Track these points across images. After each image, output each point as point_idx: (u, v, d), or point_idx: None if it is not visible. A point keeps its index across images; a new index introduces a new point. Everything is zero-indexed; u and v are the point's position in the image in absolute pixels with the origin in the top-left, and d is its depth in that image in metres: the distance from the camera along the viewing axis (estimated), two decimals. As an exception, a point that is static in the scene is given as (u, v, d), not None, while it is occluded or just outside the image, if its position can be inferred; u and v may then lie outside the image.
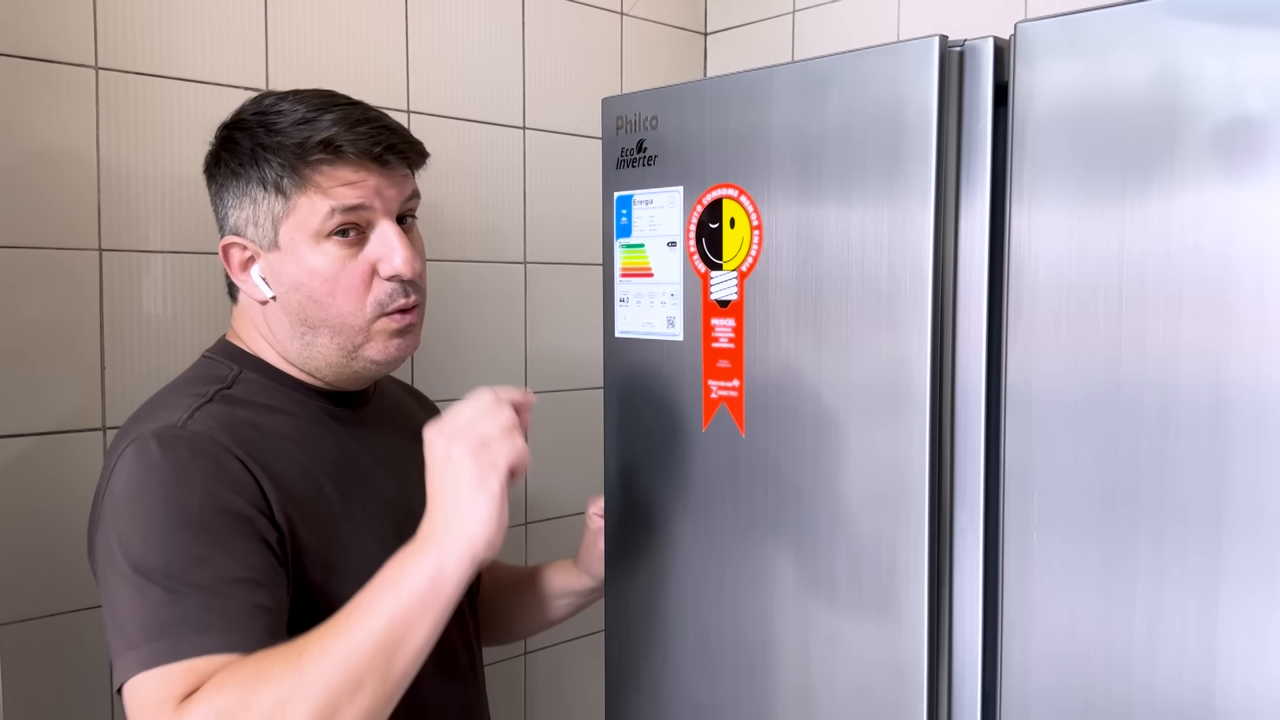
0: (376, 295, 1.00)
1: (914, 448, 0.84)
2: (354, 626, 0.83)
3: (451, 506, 0.86)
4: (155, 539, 0.87)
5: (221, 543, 0.88)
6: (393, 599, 0.83)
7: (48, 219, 1.23)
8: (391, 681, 0.83)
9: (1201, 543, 0.70)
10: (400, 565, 0.86)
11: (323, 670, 0.81)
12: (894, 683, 0.86)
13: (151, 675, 0.83)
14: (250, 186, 0.99)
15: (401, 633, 0.83)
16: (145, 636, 0.84)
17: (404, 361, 1.08)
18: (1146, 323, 0.72)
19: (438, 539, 0.86)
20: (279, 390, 1.03)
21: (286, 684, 0.80)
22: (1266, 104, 0.66)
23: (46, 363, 1.23)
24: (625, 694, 1.09)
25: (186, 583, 0.86)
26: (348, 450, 1.06)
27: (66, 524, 1.26)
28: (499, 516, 0.85)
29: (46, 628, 1.25)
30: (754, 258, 0.93)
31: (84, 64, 1.24)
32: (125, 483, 0.90)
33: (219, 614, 0.85)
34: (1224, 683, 0.70)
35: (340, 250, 0.98)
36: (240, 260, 1.02)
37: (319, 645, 0.82)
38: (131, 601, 0.86)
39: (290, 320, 1.01)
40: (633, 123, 1.02)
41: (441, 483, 0.87)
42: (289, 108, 1.00)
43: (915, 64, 0.82)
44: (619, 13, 1.79)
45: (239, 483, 0.92)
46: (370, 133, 0.98)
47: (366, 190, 0.98)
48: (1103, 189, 0.73)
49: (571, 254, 1.72)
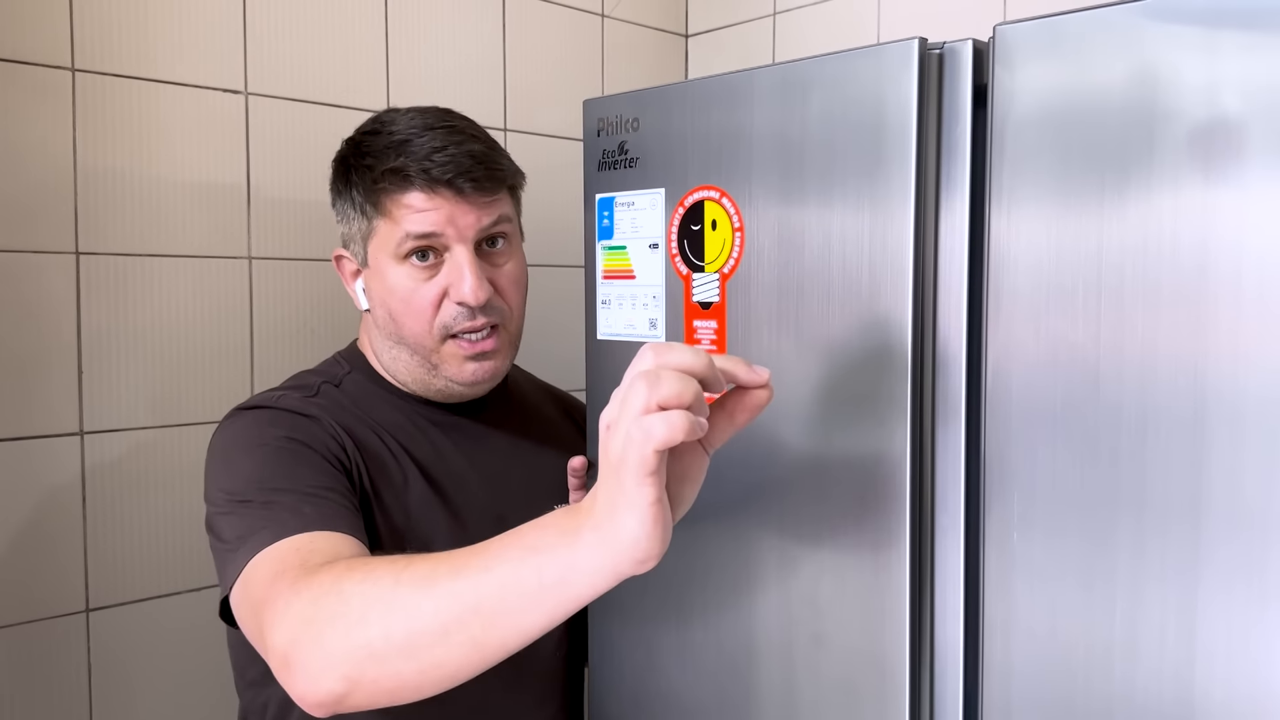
0: (443, 318, 1.03)
1: (895, 448, 0.84)
2: (467, 574, 0.71)
3: (605, 511, 0.67)
4: (245, 466, 0.95)
5: (305, 461, 0.96)
6: (516, 571, 0.70)
7: (24, 222, 1.22)
8: (484, 651, 0.71)
9: (1180, 541, 0.71)
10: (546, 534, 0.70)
11: (416, 602, 0.72)
12: (877, 681, 0.87)
13: (262, 557, 0.86)
14: (347, 205, 1.06)
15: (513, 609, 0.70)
16: (249, 535, 0.88)
17: (492, 383, 1.10)
18: (1125, 323, 0.72)
19: (588, 538, 0.67)
20: (378, 393, 1.10)
21: (381, 589, 0.74)
22: (1243, 106, 0.67)
23: (22, 367, 1.22)
24: (609, 694, 1.09)
25: (279, 489, 0.92)
26: (440, 452, 1.10)
27: (43, 530, 1.25)
28: (653, 534, 0.65)
29: (22, 634, 1.23)
30: (736, 259, 0.93)
31: (60, 66, 1.23)
32: (220, 441, 1.01)
33: (313, 504, 0.91)
34: (1203, 680, 0.71)
35: (417, 272, 1.03)
36: (350, 271, 1.09)
37: (424, 571, 0.73)
38: (233, 521, 0.91)
39: (381, 333, 1.08)
40: (614, 124, 1.02)
41: (602, 477, 0.68)
42: (388, 130, 1.04)
43: (895, 66, 0.82)
44: (600, 15, 1.79)
45: (325, 434, 1.00)
46: (445, 161, 1.00)
47: (439, 218, 1.01)
48: (1081, 190, 0.74)
49: (553, 256, 1.72)
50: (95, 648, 1.29)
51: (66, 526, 1.26)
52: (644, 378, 0.65)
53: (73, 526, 1.27)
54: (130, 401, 1.30)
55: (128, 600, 1.31)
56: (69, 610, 1.27)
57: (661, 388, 0.64)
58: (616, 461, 0.65)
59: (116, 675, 1.30)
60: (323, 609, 0.76)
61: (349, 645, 0.73)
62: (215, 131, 1.36)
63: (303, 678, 0.75)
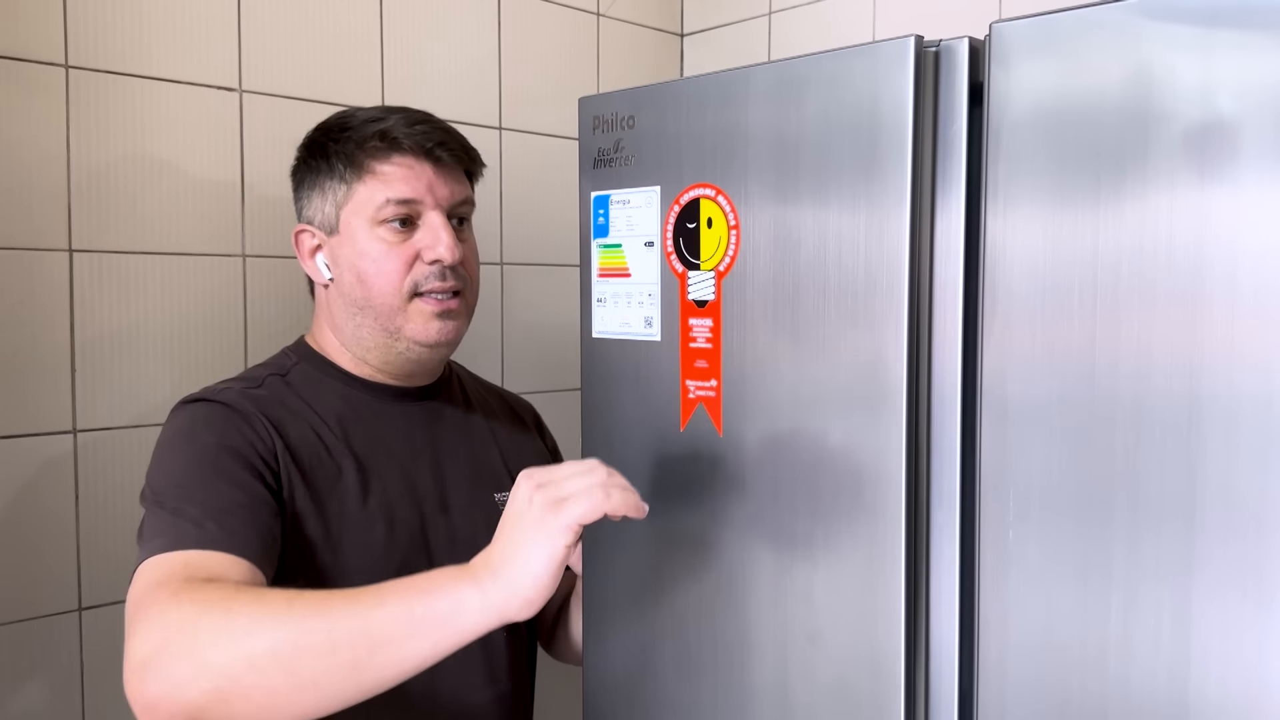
0: (414, 276, 1.08)
1: (890, 447, 0.84)
2: (362, 603, 0.80)
3: (510, 552, 0.81)
4: (173, 469, 0.98)
5: (229, 475, 0.98)
6: (409, 603, 0.80)
7: (17, 219, 1.21)
8: (362, 674, 0.79)
9: (1175, 540, 0.71)
10: (437, 578, 0.82)
11: (309, 620, 0.79)
12: (872, 680, 0.87)
13: (150, 563, 0.89)
14: (320, 178, 1.10)
15: (396, 632, 0.79)
16: (151, 538, 0.92)
17: (449, 348, 1.13)
18: (1120, 322, 0.72)
19: (483, 579, 0.80)
20: (325, 381, 1.12)
21: (274, 609, 0.81)
22: (1238, 106, 0.67)
23: (15, 365, 1.22)
24: (603, 694, 1.09)
25: (193, 500, 0.94)
26: (383, 440, 1.12)
27: (36, 528, 1.25)
28: (550, 581, 0.79)
29: (14, 633, 1.23)
30: (731, 258, 0.93)
31: (54, 62, 1.23)
32: (163, 434, 1.04)
33: (216, 522, 0.92)
34: (1197, 677, 0.71)
35: (391, 236, 1.07)
36: (309, 247, 1.12)
37: (318, 597, 0.82)
38: (150, 518, 0.95)
39: (344, 302, 1.10)
40: (610, 122, 1.02)
41: (511, 526, 0.82)
42: (360, 114, 1.11)
43: (891, 64, 0.82)
44: (595, 13, 1.79)
45: (255, 436, 1.02)
46: (426, 130, 1.09)
47: (420, 185, 1.07)
48: (1077, 189, 0.74)
49: (548, 254, 1.72)
50: (88, 646, 1.28)
51: (59, 525, 1.26)
52: (603, 468, 0.83)
53: (66, 525, 1.26)
54: (124, 399, 1.30)
55: (120, 599, 1.30)
56: (62, 609, 1.27)
57: (618, 477, 0.83)
58: (547, 506, 0.79)
59: (109, 674, 1.30)
60: (206, 620, 0.81)
61: (228, 657, 0.78)
62: (210, 129, 1.35)
63: (163, 684, 0.78)
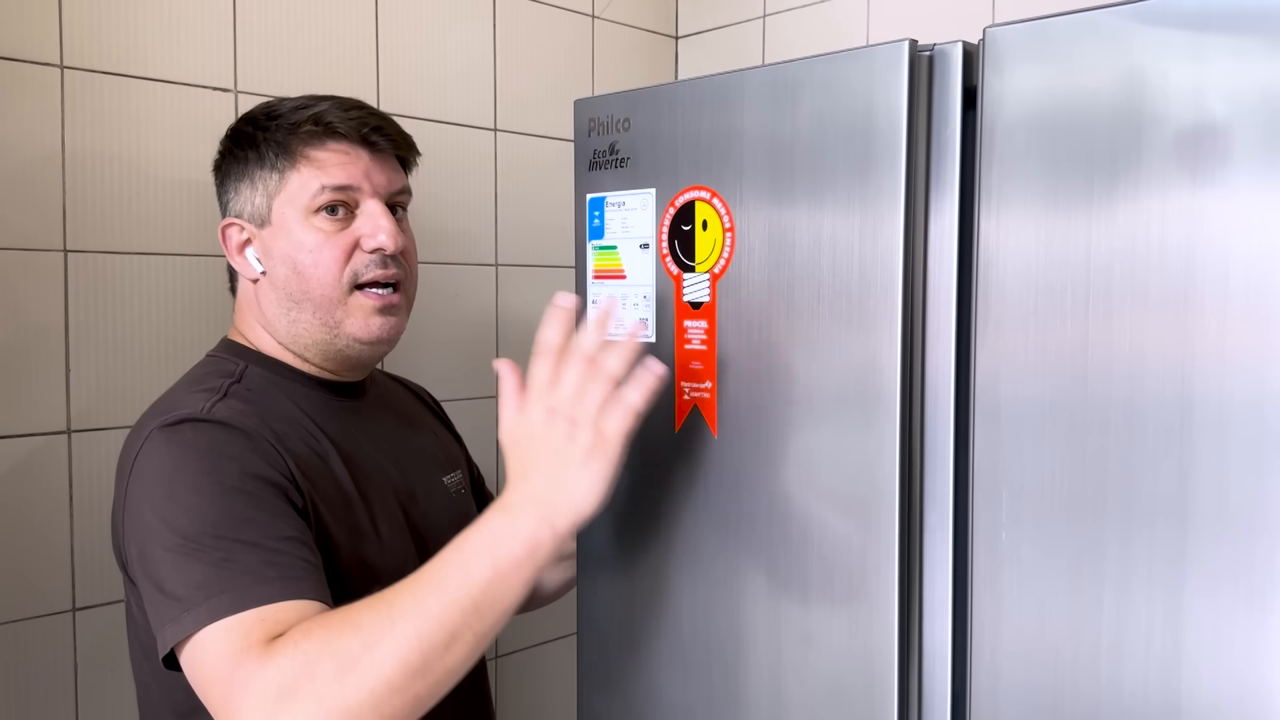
0: (354, 266, 1.03)
1: (884, 448, 0.84)
2: (449, 583, 0.83)
3: (560, 479, 0.86)
4: (200, 506, 0.89)
5: (264, 506, 0.91)
6: (490, 560, 0.83)
7: (12, 219, 1.21)
8: (482, 639, 0.84)
9: (1167, 542, 0.71)
10: (495, 529, 0.85)
11: (416, 622, 0.81)
12: (865, 680, 0.87)
13: (220, 626, 0.83)
14: (249, 168, 1.04)
15: (497, 592, 0.83)
16: (205, 594, 0.85)
17: (390, 345, 1.10)
18: (1113, 325, 0.73)
19: (538, 507, 0.85)
20: (283, 382, 1.06)
21: (376, 632, 0.80)
22: (1230, 110, 0.67)
23: (10, 365, 1.22)
24: (598, 695, 1.09)
25: (238, 541, 0.87)
26: (352, 437, 1.09)
27: (30, 528, 1.25)
28: (604, 491, 0.86)
29: (9, 634, 1.23)
30: (726, 260, 0.94)
31: (49, 63, 1.23)
32: (158, 465, 0.92)
33: (275, 566, 0.87)
34: (1189, 680, 0.71)
35: (328, 225, 1.03)
36: (237, 242, 1.06)
37: (412, 597, 0.82)
38: (182, 567, 0.86)
39: (278, 296, 1.05)
40: (605, 124, 1.02)
41: (550, 457, 0.86)
42: (289, 102, 1.06)
43: (885, 68, 0.82)
44: (591, 16, 1.79)
45: (270, 456, 0.96)
46: (361, 116, 1.05)
47: (355, 171, 1.03)
48: (1070, 192, 0.74)
49: (543, 256, 1.72)
50: (82, 647, 1.28)
51: (53, 525, 1.26)
52: (582, 364, 0.87)
53: (60, 525, 1.26)
54: (118, 400, 1.29)
55: (114, 599, 1.30)
56: (56, 609, 1.26)
57: (611, 360, 0.87)
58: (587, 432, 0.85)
59: (103, 674, 1.29)
60: (317, 671, 0.78)
61: (367, 691, 0.78)
62: (204, 129, 1.35)
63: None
